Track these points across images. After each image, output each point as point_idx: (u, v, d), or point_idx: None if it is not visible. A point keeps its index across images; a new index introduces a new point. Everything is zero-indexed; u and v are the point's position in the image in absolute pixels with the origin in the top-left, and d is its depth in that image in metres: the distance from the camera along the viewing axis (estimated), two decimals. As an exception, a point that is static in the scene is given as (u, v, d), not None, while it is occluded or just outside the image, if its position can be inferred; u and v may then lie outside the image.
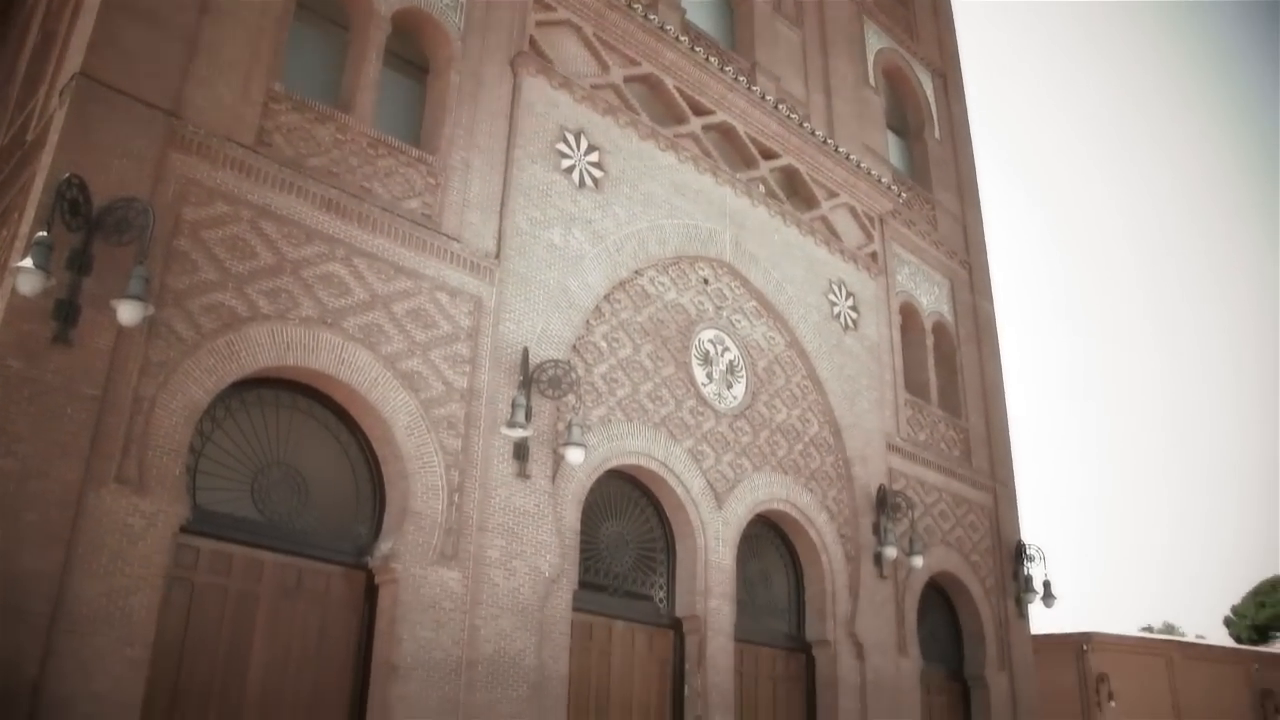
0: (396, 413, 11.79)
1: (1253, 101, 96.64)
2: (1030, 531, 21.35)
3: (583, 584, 13.33)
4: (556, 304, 13.70)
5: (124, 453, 9.55)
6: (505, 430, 12.39)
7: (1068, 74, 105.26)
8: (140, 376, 9.82)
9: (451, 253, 12.83)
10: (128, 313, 9.39)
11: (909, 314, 20.69)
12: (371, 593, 11.59)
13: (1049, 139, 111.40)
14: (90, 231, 9.61)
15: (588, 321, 14.14)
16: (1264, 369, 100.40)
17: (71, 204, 9.52)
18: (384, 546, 11.51)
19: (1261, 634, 53.07)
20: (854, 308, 18.68)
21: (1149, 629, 53.97)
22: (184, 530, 10.05)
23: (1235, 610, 58.22)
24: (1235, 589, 71.34)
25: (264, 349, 10.86)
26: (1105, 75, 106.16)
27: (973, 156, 24.99)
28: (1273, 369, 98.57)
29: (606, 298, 14.52)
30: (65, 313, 9.33)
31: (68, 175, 9.57)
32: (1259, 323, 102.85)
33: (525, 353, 12.93)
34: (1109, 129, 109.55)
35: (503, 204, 13.66)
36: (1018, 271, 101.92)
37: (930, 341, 20.92)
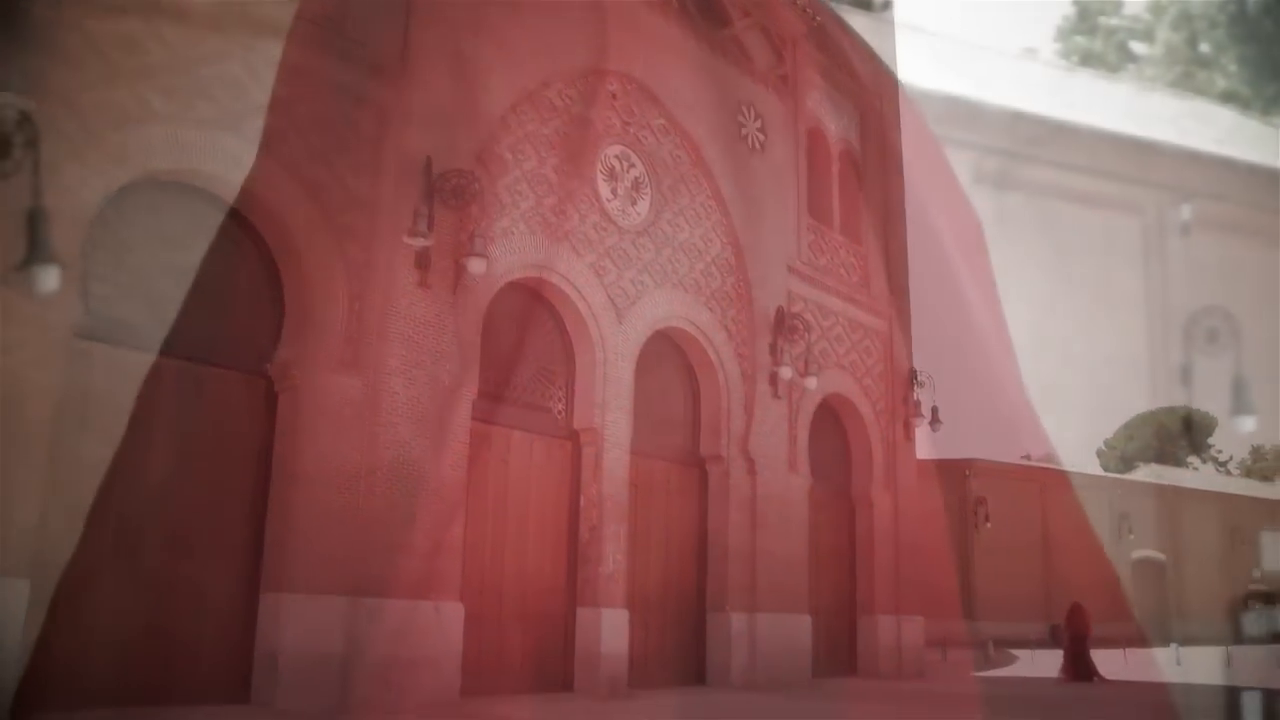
0: (297, 219, 11.60)
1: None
2: (922, 359, 22.08)
3: (482, 394, 13.47)
4: (462, 114, 13.43)
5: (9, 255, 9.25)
6: (407, 239, 12.30)
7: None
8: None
9: (355, 56, 12.44)
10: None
11: (816, 139, 20.70)
12: (272, 400, 11.65)
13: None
14: (-44, 19, 9.08)
15: (493, 133, 13.91)
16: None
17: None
18: (284, 353, 11.51)
19: (1128, 464, 56.12)
20: (762, 130, 18.65)
21: (1028, 458, 56.51)
22: (77, 336, 9.90)
23: (1107, 442, 61.42)
24: (1114, 423, 74.77)
25: (158, 151, 10.50)
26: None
27: (890, -18, 24.63)
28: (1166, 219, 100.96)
29: (513, 109, 14.25)
30: (-66, 104, 8.86)
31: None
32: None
33: (428, 161, 12.73)
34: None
35: (408, 9, 13.19)
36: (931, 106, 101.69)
37: (836, 168, 21.04)
